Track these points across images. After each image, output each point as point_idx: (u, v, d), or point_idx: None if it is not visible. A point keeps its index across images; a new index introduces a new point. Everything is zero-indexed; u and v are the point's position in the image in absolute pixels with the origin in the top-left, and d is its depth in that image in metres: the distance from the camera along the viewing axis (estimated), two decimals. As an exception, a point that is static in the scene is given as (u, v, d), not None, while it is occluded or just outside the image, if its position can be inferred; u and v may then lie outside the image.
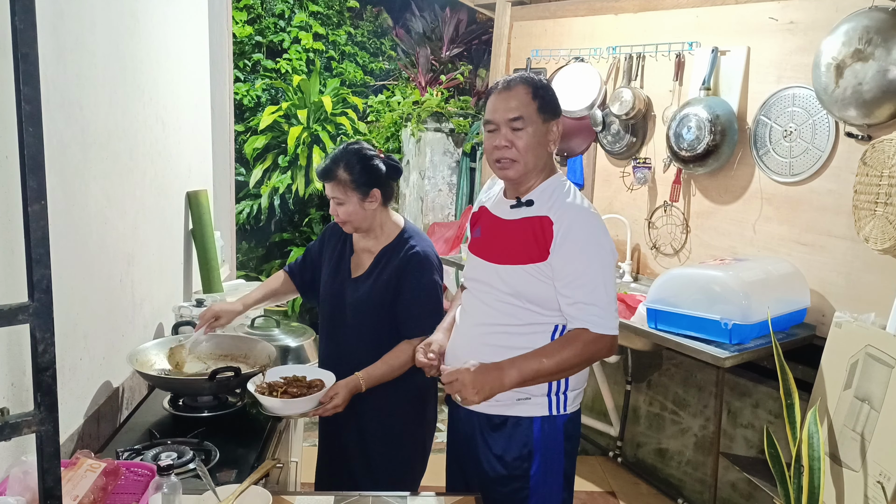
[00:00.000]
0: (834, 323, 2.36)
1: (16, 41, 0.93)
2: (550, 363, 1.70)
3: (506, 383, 1.69)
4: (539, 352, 1.73)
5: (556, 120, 1.78)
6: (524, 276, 1.74)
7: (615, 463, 3.60)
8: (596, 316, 1.70)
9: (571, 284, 1.71)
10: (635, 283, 3.40)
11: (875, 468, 2.07)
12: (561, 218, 1.72)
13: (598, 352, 1.74)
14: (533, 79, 1.78)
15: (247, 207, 5.62)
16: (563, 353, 1.71)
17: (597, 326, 1.70)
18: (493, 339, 1.79)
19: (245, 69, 5.87)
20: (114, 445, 1.89)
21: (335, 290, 2.16)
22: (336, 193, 2.04)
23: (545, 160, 1.79)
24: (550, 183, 1.80)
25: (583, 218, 1.73)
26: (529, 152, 1.74)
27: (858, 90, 2.40)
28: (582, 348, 1.71)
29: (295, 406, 1.92)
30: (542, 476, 1.82)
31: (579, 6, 3.74)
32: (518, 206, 1.80)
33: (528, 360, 1.71)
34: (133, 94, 2.25)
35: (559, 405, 1.80)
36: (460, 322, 1.91)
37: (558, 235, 1.71)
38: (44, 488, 1.03)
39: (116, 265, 2.13)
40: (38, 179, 0.96)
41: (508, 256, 1.77)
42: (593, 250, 1.71)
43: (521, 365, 1.70)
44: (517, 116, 1.72)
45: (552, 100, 1.77)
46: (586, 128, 3.63)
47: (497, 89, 1.77)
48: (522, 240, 1.76)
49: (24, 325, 0.98)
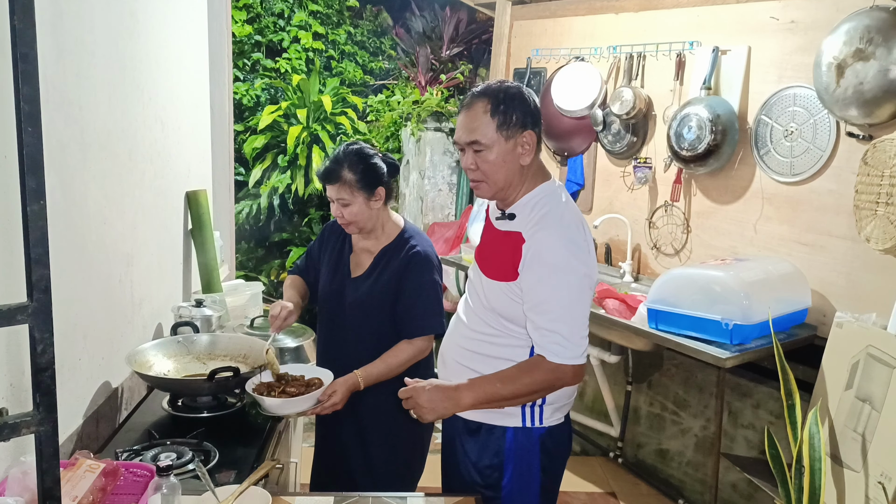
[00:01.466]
0: (835, 323, 2.35)
1: (15, 41, 0.92)
2: (506, 390, 1.66)
3: (461, 405, 1.69)
4: (498, 376, 1.69)
5: (525, 132, 1.65)
6: (498, 292, 1.70)
7: (615, 463, 3.59)
8: (557, 344, 1.62)
9: (535, 309, 1.64)
10: (636, 283, 3.39)
11: (876, 468, 2.06)
12: (532, 237, 1.65)
13: (557, 380, 1.65)
14: (494, 92, 1.65)
15: (246, 207, 5.62)
16: (521, 381, 1.66)
17: (555, 356, 1.62)
18: (475, 346, 1.77)
19: (244, 69, 5.87)
20: (113, 446, 1.89)
21: (334, 290, 2.16)
22: (342, 195, 2.03)
23: (521, 174, 1.70)
24: (535, 194, 1.71)
25: (554, 238, 1.63)
26: (495, 173, 1.67)
27: (859, 90, 2.40)
28: (541, 376, 1.64)
29: (293, 405, 1.92)
30: (515, 489, 1.77)
31: (579, 5, 3.73)
32: (503, 219, 1.75)
33: (485, 383, 1.69)
34: (132, 94, 2.25)
35: (533, 417, 1.76)
36: (454, 324, 1.91)
37: (527, 256, 1.64)
38: (43, 489, 1.03)
39: (116, 265, 2.12)
40: (37, 179, 0.95)
41: (490, 270, 1.75)
42: (561, 275, 1.61)
43: (477, 388, 1.68)
44: (473, 140, 1.65)
45: (517, 112, 1.64)
46: (587, 127, 3.62)
47: (461, 106, 1.70)
48: (500, 256, 1.71)
49: (23, 325, 0.98)
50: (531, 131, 1.67)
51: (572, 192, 3.75)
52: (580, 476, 3.47)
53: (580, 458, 3.71)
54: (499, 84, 1.69)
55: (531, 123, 1.67)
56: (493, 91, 1.66)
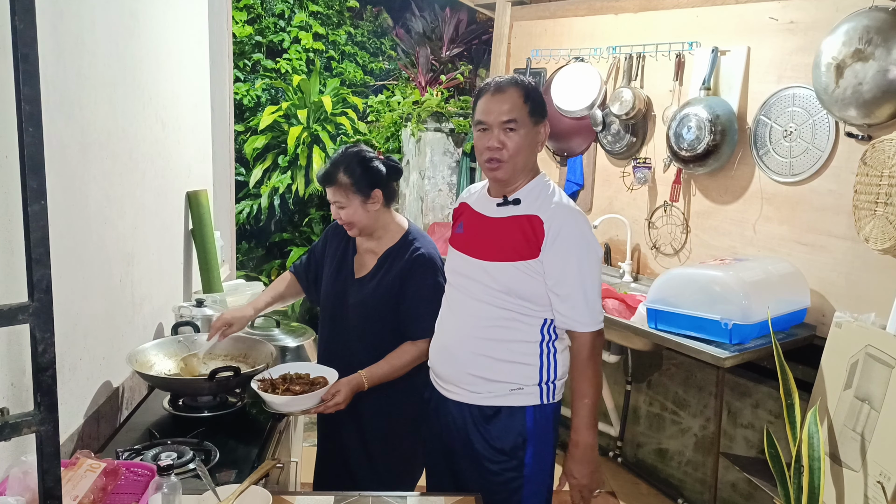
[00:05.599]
0: (834, 323, 2.35)
1: (16, 41, 0.93)
2: (589, 382, 1.82)
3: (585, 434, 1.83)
4: (574, 377, 1.84)
5: (544, 122, 1.82)
6: (515, 272, 1.78)
7: (615, 463, 3.60)
8: (583, 314, 1.78)
9: (562, 283, 1.76)
10: (635, 283, 3.39)
11: (875, 468, 2.07)
12: (552, 218, 1.77)
13: (598, 345, 1.82)
14: (523, 81, 1.81)
15: (247, 207, 5.62)
16: (590, 367, 1.80)
17: (583, 326, 1.78)
18: (488, 333, 1.83)
19: (245, 69, 5.87)
20: (114, 445, 1.89)
21: (337, 290, 2.16)
22: (338, 197, 2.04)
23: (532, 161, 1.84)
24: (536, 183, 1.84)
25: (573, 218, 1.78)
26: (520, 154, 1.78)
27: (858, 90, 2.40)
28: (587, 352, 1.80)
29: (297, 403, 1.92)
30: (534, 464, 1.86)
31: (579, 6, 3.74)
32: (504, 205, 1.84)
33: (582, 395, 1.82)
34: (133, 94, 2.25)
35: (549, 394, 1.85)
36: (446, 316, 1.93)
37: (549, 234, 1.75)
38: (44, 488, 1.03)
39: (116, 265, 2.13)
40: (38, 179, 0.96)
41: (498, 254, 1.81)
42: (584, 252, 1.77)
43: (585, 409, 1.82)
44: (511, 119, 1.76)
45: (541, 102, 1.82)
46: (586, 128, 3.63)
47: (489, 90, 1.80)
48: (512, 238, 1.80)
49: (24, 325, 0.98)
50: (546, 124, 1.84)
51: (572, 193, 3.75)
52: (580, 476, 3.47)
53: (580, 457, 3.71)
54: (521, 77, 1.85)
55: (546, 116, 1.84)
56: (522, 81, 1.81)
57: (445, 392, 1.92)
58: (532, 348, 1.82)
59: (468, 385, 1.85)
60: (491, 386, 1.83)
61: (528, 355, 1.82)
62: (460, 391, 1.87)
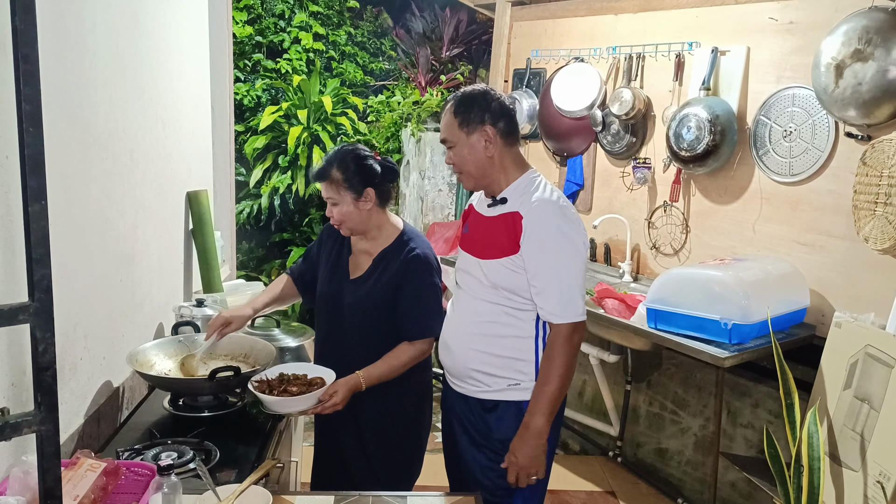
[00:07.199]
0: (834, 323, 2.36)
1: (16, 41, 0.93)
2: (555, 377, 1.83)
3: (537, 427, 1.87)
4: (541, 369, 1.87)
5: (481, 127, 1.85)
6: (501, 269, 1.86)
7: (615, 463, 3.60)
8: (557, 305, 1.81)
9: (537, 276, 1.82)
10: (635, 282, 3.39)
11: (875, 468, 2.07)
12: (529, 212, 1.83)
13: (574, 337, 1.86)
14: (458, 96, 1.89)
15: (247, 207, 5.62)
16: (555, 360, 1.82)
17: (556, 317, 1.82)
18: (483, 329, 1.91)
19: (245, 69, 5.87)
20: (114, 445, 1.89)
21: (333, 291, 2.16)
22: (330, 193, 2.06)
23: (493, 164, 1.89)
24: (521, 181, 1.90)
25: (551, 211, 1.82)
26: (466, 165, 1.89)
27: (858, 90, 2.40)
28: (564, 348, 1.83)
29: (294, 403, 1.92)
30: None
31: (579, 6, 3.74)
32: (494, 205, 1.93)
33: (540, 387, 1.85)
34: (133, 95, 2.25)
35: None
36: (452, 312, 2.03)
37: (527, 228, 1.82)
38: (44, 488, 1.03)
39: (117, 265, 2.13)
40: (38, 179, 0.96)
41: (489, 251, 1.89)
42: (559, 244, 1.81)
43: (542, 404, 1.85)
44: (444, 139, 1.91)
45: (475, 110, 1.85)
46: (586, 128, 3.63)
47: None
48: (498, 235, 1.87)
49: (25, 324, 0.98)
50: (490, 126, 1.86)
51: (572, 193, 3.76)
52: (580, 475, 3.48)
53: (579, 457, 3.72)
54: (467, 89, 1.92)
55: (490, 119, 1.86)
56: (458, 95, 1.90)
57: (453, 385, 2.04)
58: (527, 343, 1.89)
59: (470, 379, 1.95)
60: (490, 380, 1.92)
61: (523, 350, 1.90)
62: (463, 384, 1.98)
